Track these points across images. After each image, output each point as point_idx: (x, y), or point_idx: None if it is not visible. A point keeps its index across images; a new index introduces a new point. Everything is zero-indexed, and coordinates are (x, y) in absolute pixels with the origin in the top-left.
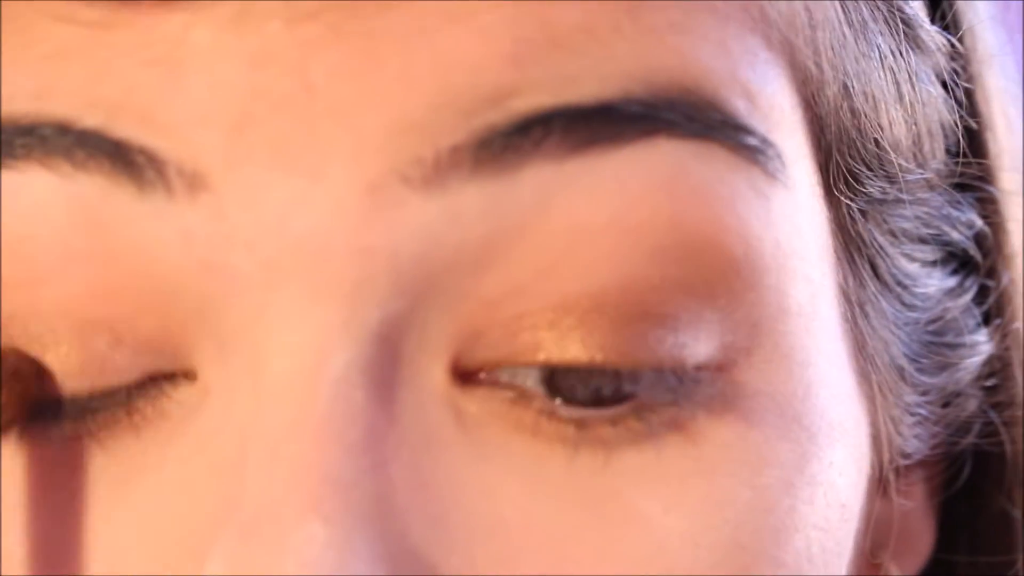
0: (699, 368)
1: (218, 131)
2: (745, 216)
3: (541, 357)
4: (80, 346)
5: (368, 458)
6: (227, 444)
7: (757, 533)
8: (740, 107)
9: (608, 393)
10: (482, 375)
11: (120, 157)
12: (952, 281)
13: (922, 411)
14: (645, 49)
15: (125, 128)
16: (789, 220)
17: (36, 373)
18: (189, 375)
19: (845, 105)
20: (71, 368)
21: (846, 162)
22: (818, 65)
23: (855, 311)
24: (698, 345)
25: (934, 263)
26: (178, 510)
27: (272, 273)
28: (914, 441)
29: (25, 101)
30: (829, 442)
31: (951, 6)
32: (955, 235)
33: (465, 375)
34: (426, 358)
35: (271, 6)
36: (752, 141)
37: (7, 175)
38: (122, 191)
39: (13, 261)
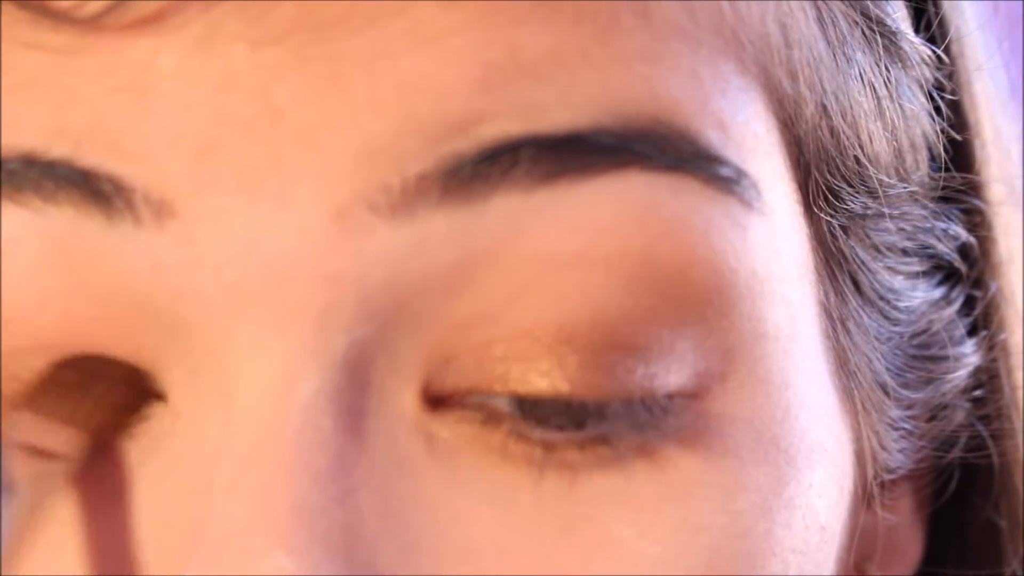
0: (670, 396)
1: (184, 156)
2: (719, 247)
3: (510, 387)
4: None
5: (336, 486)
6: (197, 468)
7: (732, 558)
8: (713, 138)
9: (576, 422)
10: (453, 400)
11: (88, 187)
12: (937, 293)
13: (907, 425)
14: (615, 78)
15: (93, 156)
16: (766, 246)
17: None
18: (161, 398)
19: (823, 124)
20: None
21: (825, 180)
22: (794, 86)
23: (836, 327)
24: (669, 375)
25: (918, 275)
26: (150, 533)
27: (239, 299)
28: (899, 456)
29: None
30: (808, 464)
31: (937, 14)
32: (940, 247)
33: (436, 400)
34: (396, 383)
35: (236, 29)
36: (726, 172)
37: None
38: (91, 221)
39: None
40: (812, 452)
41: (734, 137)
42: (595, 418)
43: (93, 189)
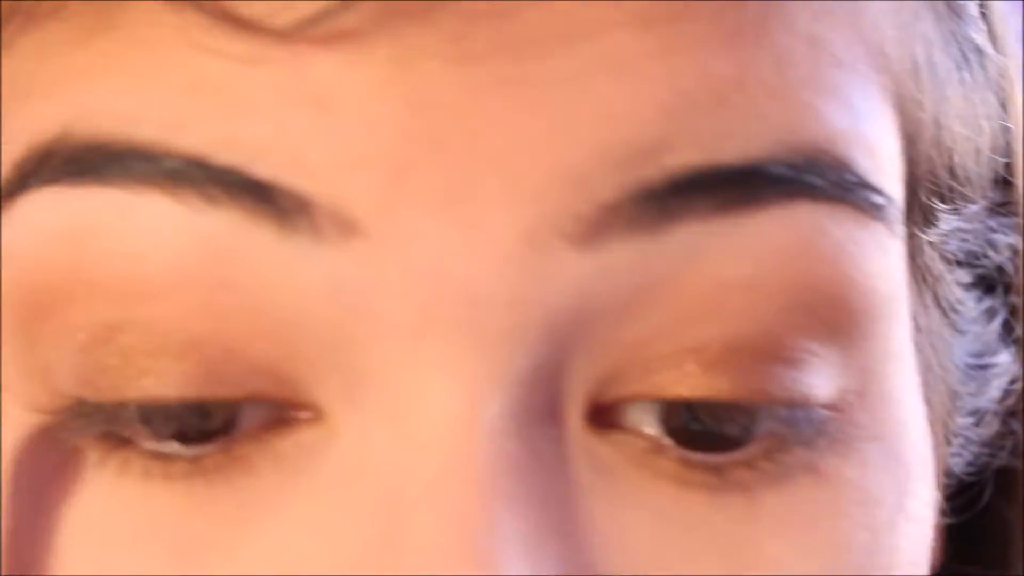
0: (821, 408)
1: (376, 176)
2: (870, 271)
3: (673, 393)
4: (190, 356)
5: (523, 510)
6: (363, 488)
7: (874, 573)
8: (866, 165)
9: (736, 433)
10: (614, 419)
11: (262, 197)
12: (987, 303)
13: (967, 433)
14: (789, 108)
15: (269, 168)
16: (898, 269)
17: None
18: (312, 412)
19: (934, 145)
20: (176, 380)
21: (926, 198)
22: (920, 109)
23: (923, 340)
24: (822, 387)
25: (971, 285)
26: (310, 553)
27: (425, 320)
28: (958, 461)
29: (154, 130)
30: (920, 477)
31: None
32: (998, 258)
33: (599, 417)
34: (566, 403)
35: (433, 48)
36: (879, 200)
37: (126, 196)
38: (258, 231)
39: (120, 274)
40: (921, 465)
41: (880, 163)
42: (756, 434)
43: (268, 200)
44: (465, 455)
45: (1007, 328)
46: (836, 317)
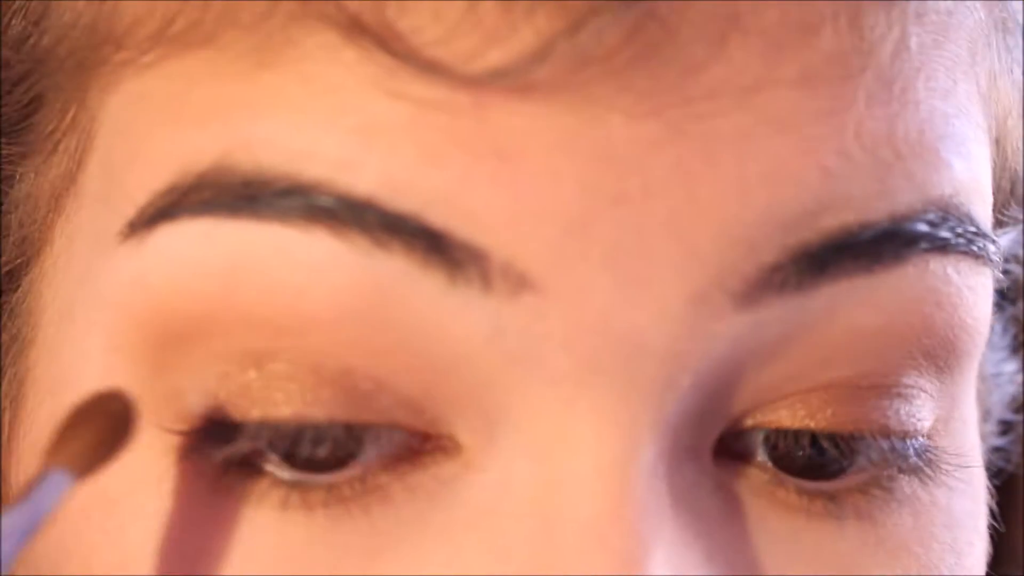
0: (920, 438)
1: (552, 230)
2: (978, 315)
3: (796, 424)
4: (338, 384)
5: (675, 549)
6: (507, 525)
7: None
8: (982, 214)
9: (837, 460)
10: (736, 450)
11: (434, 246)
12: (1007, 314)
13: (989, 440)
14: (928, 164)
15: (446, 219)
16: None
17: None
18: (445, 449)
19: (1006, 177)
20: (323, 398)
21: (994, 225)
22: (1009, 147)
23: None
24: (926, 419)
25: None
26: None
27: (587, 371)
28: None
29: (322, 168)
30: (984, 493)
31: None
32: (1017, 271)
33: (723, 448)
34: (703, 443)
35: (613, 99)
36: (992, 248)
37: (286, 232)
38: (428, 279)
39: (277, 308)
40: (983, 481)
41: (988, 210)
42: (857, 462)
43: (439, 250)
44: (623, 496)
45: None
46: (946, 357)
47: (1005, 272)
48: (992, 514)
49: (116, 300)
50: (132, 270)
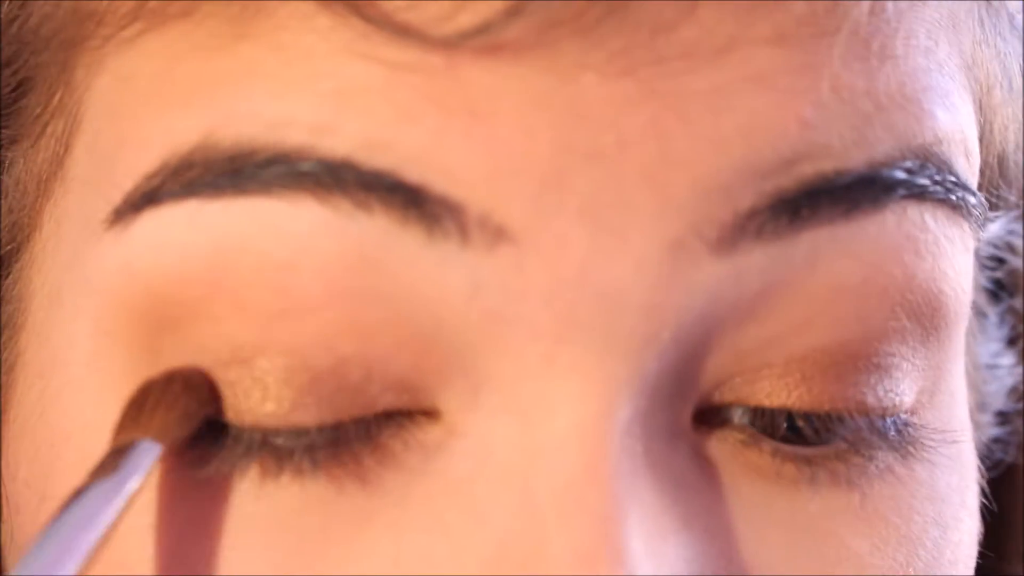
0: (905, 412)
1: (528, 184)
2: (960, 269)
3: (775, 403)
4: (329, 381)
5: (650, 510)
6: (490, 488)
7: (940, 570)
8: (964, 167)
9: (831, 436)
10: (714, 416)
11: (412, 201)
12: (1003, 306)
13: (984, 430)
14: (909, 114)
15: (422, 174)
16: (972, 267)
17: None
18: (429, 414)
19: (996, 152)
20: (311, 401)
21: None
22: (993, 120)
23: (968, 341)
24: (910, 392)
25: (990, 288)
26: (434, 551)
27: (566, 326)
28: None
29: (302, 134)
30: (973, 471)
31: None
32: (1016, 261)
33: (700, 416)
34: (680, 405)
35: (585, 59)
36: (972, 200)
37: (271, 204)
38: (408, 235)
39: (269, 287)
40: (974, 459)
41: (972, 166)
42: (850, 434)
43: (418, 205)
44: (599, 456)
45: (1011, 330)
46: (930, 316)
47: (1001, 262)
48: (992, 505)
49: (104, 286)
50: (118, 257)
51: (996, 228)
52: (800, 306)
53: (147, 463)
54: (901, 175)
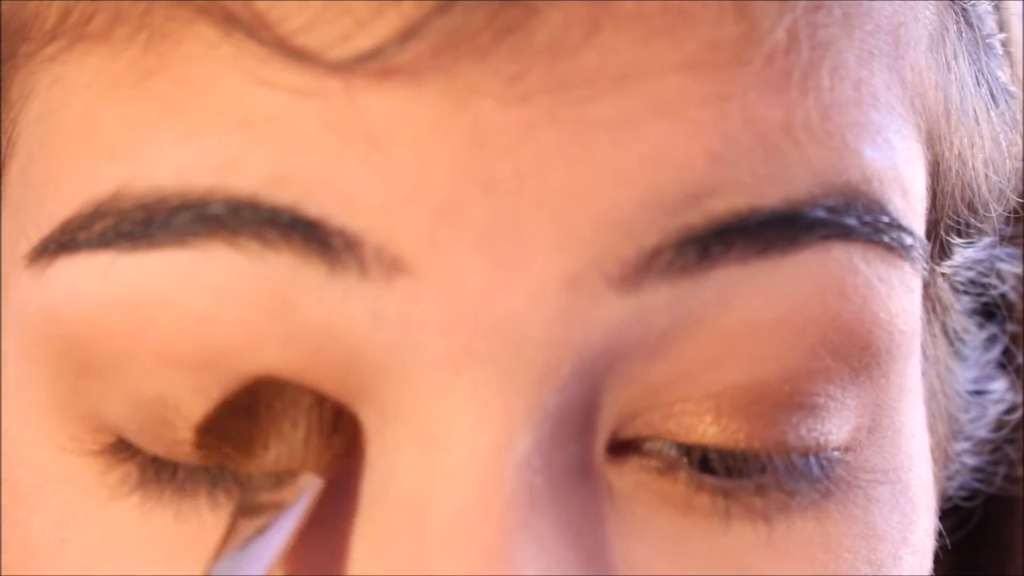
0: (834, 450)
1: (423, 214)
2: (895, 311)
3: (693, 438)
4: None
5: (545, 544)
6: (391, 516)
7: None
8: (899, 205)
9: (752, 469)
10: (630, 447)
11: (314, 237)
12: (988, 331)
13: (963, 459)
14: (831, 151)
15: (321, 206)
16: (919, 306)
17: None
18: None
19: (958, 183)
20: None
21: (945, 232)
22: (948, 148)
23: (929, 370)
24: (839, 431)
25: (974, 313)
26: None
27: (463, 356)
28: (952, 485)
29: (209, 174)
30: (924, 509)
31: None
32: (1003, 287)
33: (615, 447)
34: (589, 438)
35: (487, 86)
36: (909, 240)
37: (185, 255)
38: (312, 271)
39: (191, 342)
40: (925, 496)
41: (911, 203)
42: (771, 469)
43: (319, 240)
44: (492, 488)
45: (1007, 356)
46: (858, 356)
47: (985, 287)
48: (983, 540)
49: (26, 320)
50: (38, 297)
51: (974, 254)
52: (712, 343)
53: (308, 499)
54: (822, 214)
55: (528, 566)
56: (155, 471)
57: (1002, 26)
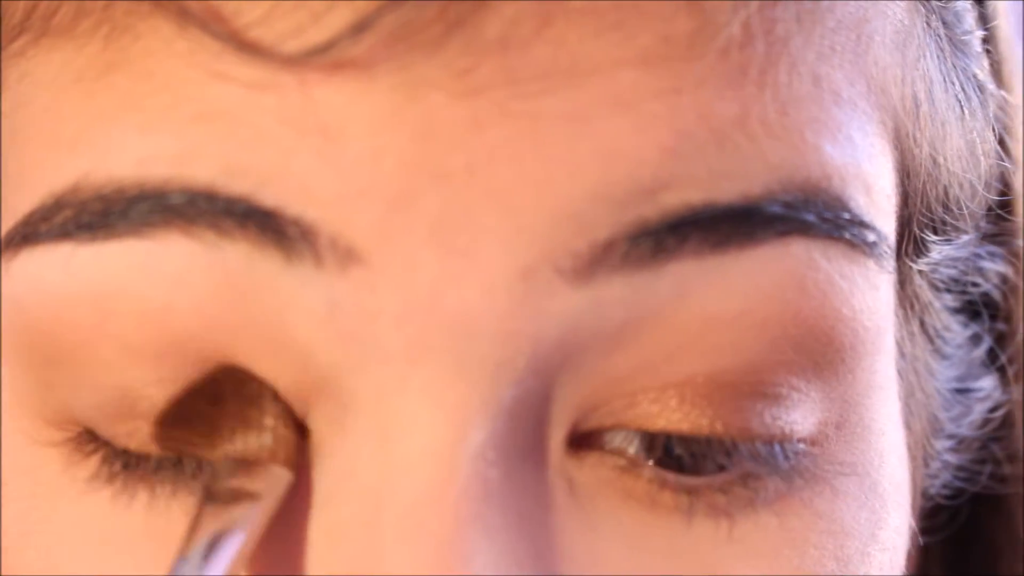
0: (799, 441)
1: (376, 205)
2: (859, 307)
3: (656, 426)
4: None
5: (500, 537)
6: (346, 510)
7: None
8: (861, 202)
9: (713, 464)
10: (592, 442)
11: (269, 226)
12: (972, 329)
13: (946, 457)
14: (788, 146)
15: (277, 197)
16: (886, 303)
17: None
18: (303, 434)
19: (930, 179)
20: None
21: (919, 230)
22: (917, 145)
23: (907, 367)
24: (803, 423)
25: (957, 311)
26: (293, 567)
27: (417, 348)
28: (934, 483)
29: (166, 165)
30: (895, 506)
31: (995, 55)
32: (986, 285)
33: (577, 441)
34: (549, 430)
35: (436, 78)
36: (872, 237)
37: (143, 245)
38: (268, 260)
39: (151, 332)
40: (897, 494)
41: (875, 200)
42: (734, 464)
43: (275, 229)
44: (446, 482)
45: (992, 355)
46: (822, 351)
47: (972, 285)
48: (973, 538)
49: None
50: (6, 290)
51: (953, 251)
52: (671, 336)
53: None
54: (779, 210)
55: (480, 559)
56: (122, 463)
57: (986, 21)
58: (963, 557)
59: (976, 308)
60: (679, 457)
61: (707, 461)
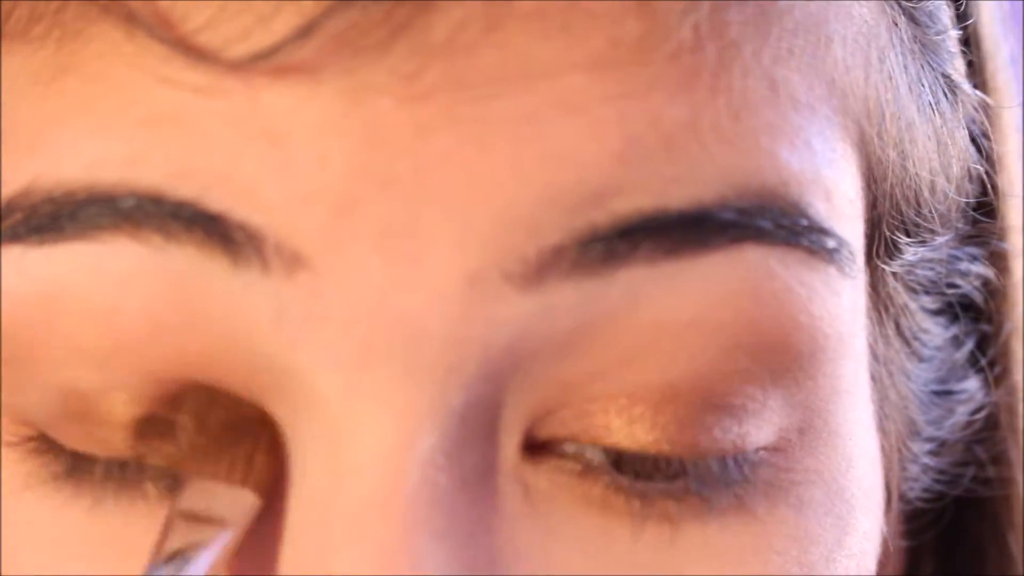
0: (757, 451)
1: (322, 210)
2: (818, 314)
3: (609, 440)
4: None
5: (450, 543)
6: (299, 515)
7: None
8: (821, 209)
9: (670, 475)
10: (551, 447)
11: (216, 230)
12: (953, 331)
13: (927, 460)
14: (742, 152)
15: (223, 201)
16: (851, 308)
17: None
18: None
19: (899, 181)
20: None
21: (890, 232)
22: (883, 148)
23: (880, 370)
24: (759, 432)
25: (937, 312)
26: (244, 570)
27: (365, 354)
28: (914, 487)
29: (115, 169)
30: (864, 511)
31: (977, 54)
32: (966, 287)
33: (533, 448)
34: (501, 436)
35: (383, 83)
36: (831, 244)
37: (91, 248)
38: (215, 264)
39: (97, 332)
40: (866, 499)
41: (836, 206)
42: (689, 472)
43: (221, 233)
44: (394, 486)
45: (975, 356)
46: (778, 359)
47: (952, 287)
48: (957, 541)
49: None
50: None
51: (929, 253)
52: (623, 343)
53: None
54: (732, 216)
55: (428, 565)
56: (73, 465)
57: (964, 20)
58: (948, 559)
59: (958, 309)
60: (634, 463)
61: (662, 473)
